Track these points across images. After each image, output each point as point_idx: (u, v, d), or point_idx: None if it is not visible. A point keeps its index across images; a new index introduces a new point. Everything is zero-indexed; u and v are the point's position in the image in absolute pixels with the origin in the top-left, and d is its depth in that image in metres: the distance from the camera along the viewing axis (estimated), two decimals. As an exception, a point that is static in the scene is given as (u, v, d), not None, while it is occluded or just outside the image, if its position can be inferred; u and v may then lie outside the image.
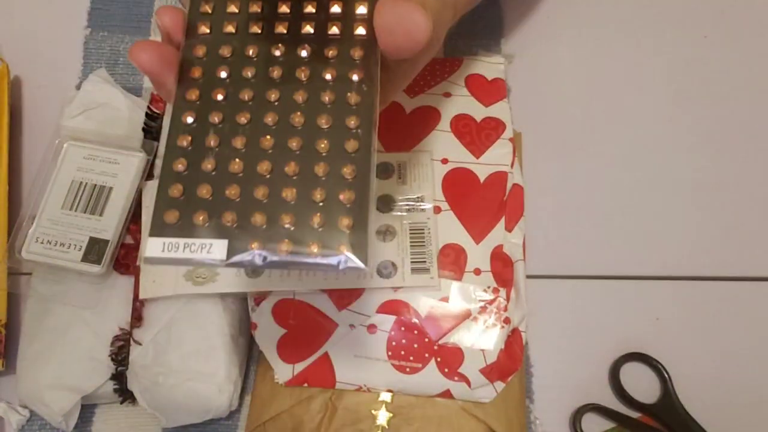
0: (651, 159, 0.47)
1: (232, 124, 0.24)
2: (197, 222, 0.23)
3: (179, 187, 0.23)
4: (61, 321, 0.40)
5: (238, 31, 0.26)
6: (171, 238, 0.22)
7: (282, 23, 0.26)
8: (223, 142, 0.24)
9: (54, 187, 0.41)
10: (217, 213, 0.23)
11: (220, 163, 0.24)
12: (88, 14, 0.52)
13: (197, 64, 0.25)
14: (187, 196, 0.23)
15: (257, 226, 0.23)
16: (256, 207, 0.23)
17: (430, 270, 0.39)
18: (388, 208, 0.40)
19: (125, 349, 0.39)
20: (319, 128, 0.24)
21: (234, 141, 0.24)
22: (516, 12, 0.52)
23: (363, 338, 0.38)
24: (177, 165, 0.24)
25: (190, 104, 0.25)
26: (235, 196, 0.23)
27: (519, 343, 0.39)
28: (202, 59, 0.25)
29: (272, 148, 0.24)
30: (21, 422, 0.41)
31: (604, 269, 0.45)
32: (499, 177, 0.42)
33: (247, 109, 0.25)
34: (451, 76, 0.46)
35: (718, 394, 0.42)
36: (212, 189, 0.23)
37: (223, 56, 0.25)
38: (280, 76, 0.25)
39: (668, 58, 0.50)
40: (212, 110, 0.24)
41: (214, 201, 0.23)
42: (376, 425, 0.37)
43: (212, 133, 0.24)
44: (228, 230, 0.23)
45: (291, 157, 0.24)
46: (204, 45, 0.26)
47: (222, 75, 0.25)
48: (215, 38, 0.26)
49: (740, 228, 0.46)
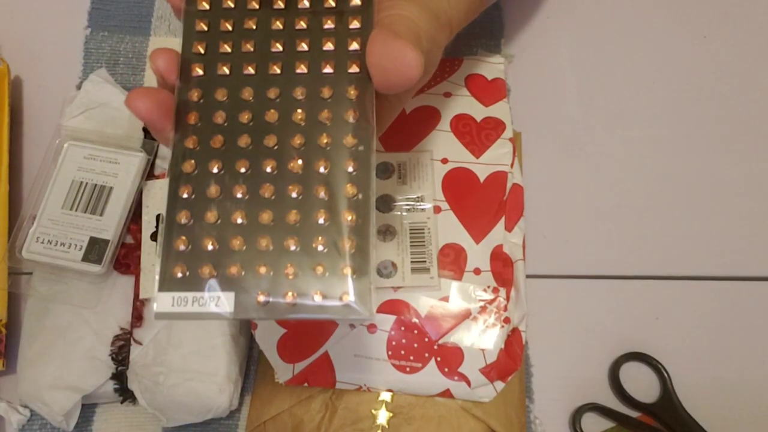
0: (651, 159, 0.47)
1: (232, 172, 0.24)
2: (204, 275, 0.23)
3: (184, 239, 0.23)
4: (62, 320, 0.40)
5: (232, 71, 0.25)
6: (180, 293, 0.22)
7: (275, 62, 0.26)
8: (224, 192, 0.24)
9: (54, 187, 0.42)
10: (222, 265, 0.23)
11: (223, 214, 0.24)
12: (88, 14, 0.52)
13: (193, 108, 0.25)
14: (192, 248, 0.23)
15: (262, 277, 0.23)
16: (260, 258, 0.23)
17: (430, 270, 0.39)
18: (388, 208, 0.40)
19: (126, 348, 0.39)
20: (318, 174, 0.24)
21: (235, 190, 0.24)
22: (516, 12, 0.52)
23: (363, 338, 0.38)
24: (181, 217, 0.23)
25: (189, 152, 0.24)
26: (239, 247, 0.23)
27: (519, 342, 0.39)
28: (198, 103, 0.25)
29: (273, 196, 0.24)
30: (21, 422, 0.41)
31: (604, 269, 0.45)
32: (499, 177, 0.42)
33: (246, 156, 0.24)
34: (451, 76, 0.46)
35: (718, 393, 0.42)
36: (216, 241, 0.23)
37: (219, 100, 0.25)
38: (276, 120, 0.25)
39: (668, 58, 0.50)
40: (211, 158, 0.24)
41: (218, 253, 0.23)
42: (376, 425, 0.37)
43: (213, 183, 0.24)
44: (234, 282, 0.23)
45: (292, 206, 0.24)
46: (199, 88, 0.25)
47: (219, 120, 0.25)
48: (210, 80, 0.25)
49: (740, 228, 0.46)
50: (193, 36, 0.26)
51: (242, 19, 0.26)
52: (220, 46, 0.26)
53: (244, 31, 0.26)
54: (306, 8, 0.26)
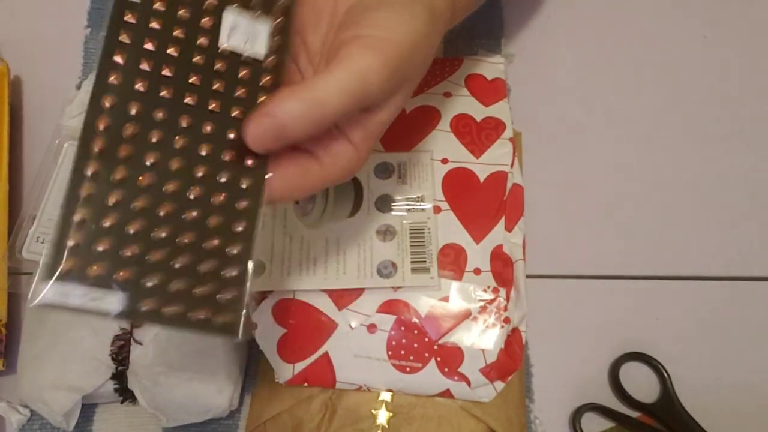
0: (651, 159, 0.47)
1: (133, 183, 0.25)
2: (93, 273, 0.23)
3: (79, 236, 0.23)
4: (62, 321, 0.40)
5: (148, 90, 0.26)
6: (69, 284, 0.23)
7: (191, 94, 0.27)
8: (123, 201, 0.25)
9: (54, 187, 0.41)
10: (113, 268, 0.24)
11: (120, 221, 0.24)
12: (88, 14, 0.52)
13: (106, 113, 0.25)
14: (86, 247, 0.24)
15: (149, 287, 0.24)
16: (151, 269, 0.24)
17: (430, 270, 0.39)
18: (388, 208, 0.40)
19: (126, 348, 0.39)
20: (214, 206, 0.26)
21: (135, 201, 0.25)
22: (516, 12, 0.52)
23: (363, 338, 0.38)
24: (78, 214, 0.24)
25: (96, 155, 0.25)
26: (132, 254, 0.24)
27: (519, 342, 0.39)
28: (111, 109, 0.25)
29: (170, 214, 0.25)
30: (22, 421, 0.41)
31: (604, 269, 0.45)
32: (499, 177, 0.42)
33: (150, 170, 0.25)
34: (451, 76, 0.46)
35: (718, 393, 0.42)
36: (111, 245, 0.24)
37: (131, 113, 0.26)
38: (182, 146, 0.26)
39: (668, 58, 0.50)
40: (117, 165, 0.25)
41: (111, 255, 0.24)
42: (376, 425, 0.37)
43: (115, 190, 0.25)
44: (121, 285, 0.24)
45: (187, 228, 0.25)
46: (114, 95, 0.25)
47: (128, 132, 0.25)
48: (125, 91, 0.25)
49: (740, 228, 0.46)
50: (116, 44, 0.26)
51: (165, 44, 0.27)
52: (141, 61, 0.26)
53: (166, 56, 0.26)
54: (225, 52, 0.27)
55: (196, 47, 0.27)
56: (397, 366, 0.37)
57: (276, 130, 0.26)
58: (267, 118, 0.26)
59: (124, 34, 0.26)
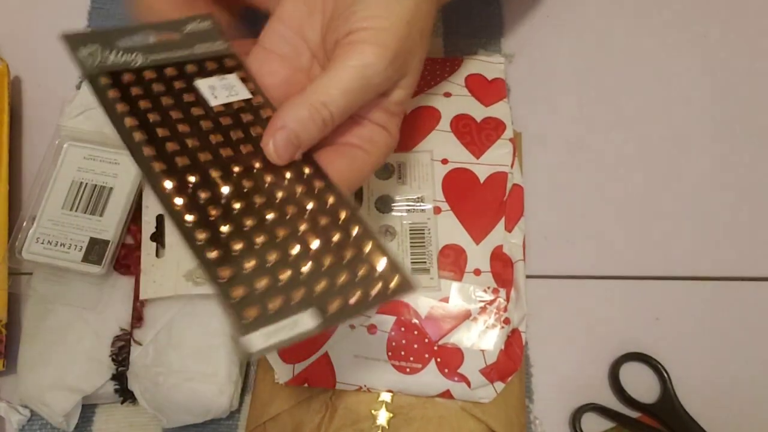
0: (651, 159, 0.47)
1: (252, 240, 0.26)
2: (275, 307, 0.24)
3: (240, 289, 0.24)
4: (62, 321, 0.40)
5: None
6: (267, 328, 0.24)
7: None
8: (255, 248, 0.26)
9: (54, 188, 0.41)
10: (285, 294, 0.25)
11: (260, 257, 0.25)
12: (88, 14, 0.52)
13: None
14: (252, 293, 0.24)
15: (320, 292, 0.25)
16: (310, 281, 0.25)
17: (430, 270, 0.39)
18: (388, 208, 0.40)
19: (126, 349, 0.39)
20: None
21: (260, 239, 0.26)
22: (516, 12, 0.52)
23: (363, 338, 0.38)
24: (223, 273, 0.25)
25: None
26: (286, 278, 0.25)
27: (519, 343, 0.39)
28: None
29: (292, 241, 0.27)
30: (22, 422, 0.41)
31: (604, 269, 0.45)
32: (499, 177, 0.42)
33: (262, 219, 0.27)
34: (451, 76, 0.46)
35: (718, 394, 0.42)
36: (268, 280, 0.25)
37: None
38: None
39: (668, 57, 0.50)
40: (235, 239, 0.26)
41: (275, 287, 0.25)
42: (376, 425, 0.37)
43: (237, 238, 0.26)
44: (302, 305, 0.25)
45: (315, 248, 0.27)
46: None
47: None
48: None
49: (740, 228, 0.46)
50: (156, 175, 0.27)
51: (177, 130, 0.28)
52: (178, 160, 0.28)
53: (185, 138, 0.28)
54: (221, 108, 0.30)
55: (197, 118, 0.29)
56: (397, 367, 0.37)
57: (291, 139, 0.27)
58: (281, 131, 0.27)
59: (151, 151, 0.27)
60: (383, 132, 0.31)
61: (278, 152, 0.27)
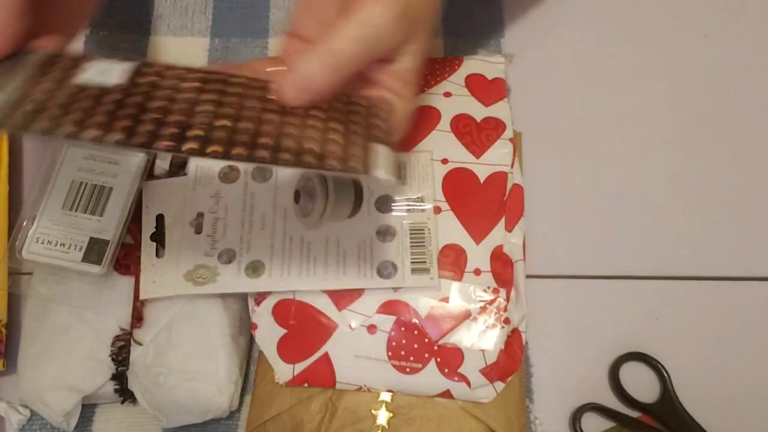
0: (651, 159, 0.47)
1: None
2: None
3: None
4: (62, 321, 0.40)
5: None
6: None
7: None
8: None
9: (54, 187, 0.41)
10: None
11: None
12: (88, 14, 0.52)
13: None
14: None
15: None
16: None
17: (430, 270, 0.39)
18: (388, 208, 0.40)
19: (126, 349, 0.39)
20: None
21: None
22: (516, 11, 0.52)
23: (363, 338, 0.38)
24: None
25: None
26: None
27: (519, 343, 0.39)
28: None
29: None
30: (22, 422, 0.41)
31: (604, 269, 0.45)
32: (499, 177, 0.42)
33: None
34: (451, 76, 0.46)
35: (718, 393, 0.42)
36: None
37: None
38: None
39: (668, 57, 0.50)
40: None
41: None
42: (376, 425, 0.37)
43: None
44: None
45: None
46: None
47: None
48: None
49: (740, 228, 0.46)
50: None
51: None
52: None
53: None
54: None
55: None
56: (397, 366, 0.37)
57: (303, 82, 0.29)
58: (293, 74, 0.29)
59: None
60: (397, 99, 0.32)
61: (288, 93, 0.29)
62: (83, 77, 0.28)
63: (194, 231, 0.40)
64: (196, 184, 0.41)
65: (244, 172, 0.41)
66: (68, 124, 0.26)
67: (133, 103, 0.27)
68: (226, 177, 0.41)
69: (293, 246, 0.39)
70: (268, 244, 0.39)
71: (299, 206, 0.40)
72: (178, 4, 0.52)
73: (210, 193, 0.41)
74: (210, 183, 0.41)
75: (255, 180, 0.41)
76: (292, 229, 0.40)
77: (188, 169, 0.42)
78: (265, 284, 0.39)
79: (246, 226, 0.40)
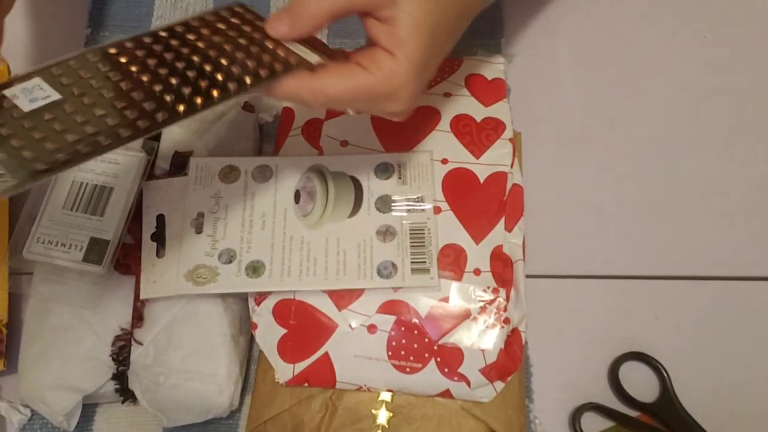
0: (650, 159, 0.47)
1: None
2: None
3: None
4: (63, 321, 0.40)
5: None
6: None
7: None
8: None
9: (55, 188, 0.42)
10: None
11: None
12: (88, 14, 0.52)
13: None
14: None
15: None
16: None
17: (430, 270, 0.39)
18: (388, 208, 0.40)
19: (126, 349, 0.39)
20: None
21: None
22: (516, 12, 0.52)
23: (363, 338, 0.38)
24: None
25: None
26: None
27: (519, 343, 0.39)
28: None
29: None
30: (22, 421, 0.41)
31: (604, 269, 0.45)
32: (499, 177, 0.42)
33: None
34: (451, 76, 0.46)
35: (717, 393, 0.42)
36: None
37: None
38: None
39: (668, 58, 0.50)
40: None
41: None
42: (376, 425, 0.37)
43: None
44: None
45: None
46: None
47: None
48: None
49: (740, 228, 0.46)
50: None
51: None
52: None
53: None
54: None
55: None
56: (397, 366, 0.38)
57: (284, 14, 0.31)
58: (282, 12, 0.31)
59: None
60: (389, 56, 0.31)
61: (271, 23, 0.31)
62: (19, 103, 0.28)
63: (194, 231, 0.40)
64: (196, 184, 0.41)
65: (244, 172, 0.42)
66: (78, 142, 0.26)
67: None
68: (226, 177, 0.41)
69: (293, 246, 0.39)
70: (268, 244, 0.39)
71: (299, 206, 0.40)
72: (178, 4, 0.53)
73: (210, 193, 0.41)
74: (210, 183, 0.41)
75: (255, 180, 0.41)
76: (292, 229, 0.40)
77: (188, 169, 0.42)
78: (265, 284, 0.39)
79: (246, 226, 0.40)
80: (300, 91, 0.31)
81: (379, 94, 0.31)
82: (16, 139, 0.25)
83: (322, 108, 0.34)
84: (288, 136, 0.44)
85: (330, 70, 0.31)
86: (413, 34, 0.31)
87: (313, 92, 0.31)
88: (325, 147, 0.43)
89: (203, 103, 0.28)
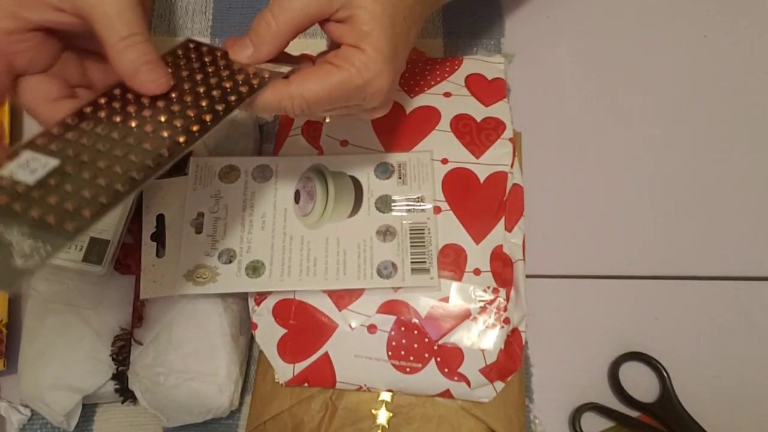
0: (650, 159, 0.47)
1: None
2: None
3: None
4: (62, 321, 0.40)
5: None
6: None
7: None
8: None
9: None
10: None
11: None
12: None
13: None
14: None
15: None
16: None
17: (430, 270, 0.39)
18: (388, 208, 0.40)
19: (126, 348, 0.39)
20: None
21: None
22: (516, 12, 0.52)
23: (363, 338, 0.38)
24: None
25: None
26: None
27: (519, 343, 0.39)
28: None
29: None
30: (22, 421, 0.41)
31: (604, 269, 0.45)
32: (499, 177, 0.42)
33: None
34: (451, 76, 0.46)
35: (717, 393, 0.42)
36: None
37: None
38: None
39: (668, 58, 0.50)
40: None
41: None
42: (376, 425, 0.37)
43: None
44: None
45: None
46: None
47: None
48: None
49: (740, 228, 0.46)
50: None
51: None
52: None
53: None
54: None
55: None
56: (397, 366, 0.38)
57: (244, 40, 0.32)
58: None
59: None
60: (357, 51, 0.31)
61: (235, 50, 0.32)
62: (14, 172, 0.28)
63: (194, 231, 0.40)
64: (196, 184, 0.41)
65: (244, 172, 0.42)
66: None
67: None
68: (226, 177, 0.41)
69: (293, 246, 0.39)
70: (268, 244, 0.39)
71: (299, 206, 0.40)
72: (178, 4, 0.53)
73: (210, 193, 0.41)
74: (210, 183, 0.41)
75: (255, 180, 0.41)
76: (292, 229, 0.40)
77: (188, 169, 0.42)
78: (265, 284, 0.39)
79: (246, 226, 0.40)
80: (280, 100, 0.31)
81: (356, 87, 0.31)
82: (35, 210, 0.26)
83: (302, 116, 0.34)
84: (288, 135, 0.44)
85: (304, 74, 0.31)
86: (375, 26, 0.31)
87: (291, 98, 0.31)
88: (325, 147, 0.43)
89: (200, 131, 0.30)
